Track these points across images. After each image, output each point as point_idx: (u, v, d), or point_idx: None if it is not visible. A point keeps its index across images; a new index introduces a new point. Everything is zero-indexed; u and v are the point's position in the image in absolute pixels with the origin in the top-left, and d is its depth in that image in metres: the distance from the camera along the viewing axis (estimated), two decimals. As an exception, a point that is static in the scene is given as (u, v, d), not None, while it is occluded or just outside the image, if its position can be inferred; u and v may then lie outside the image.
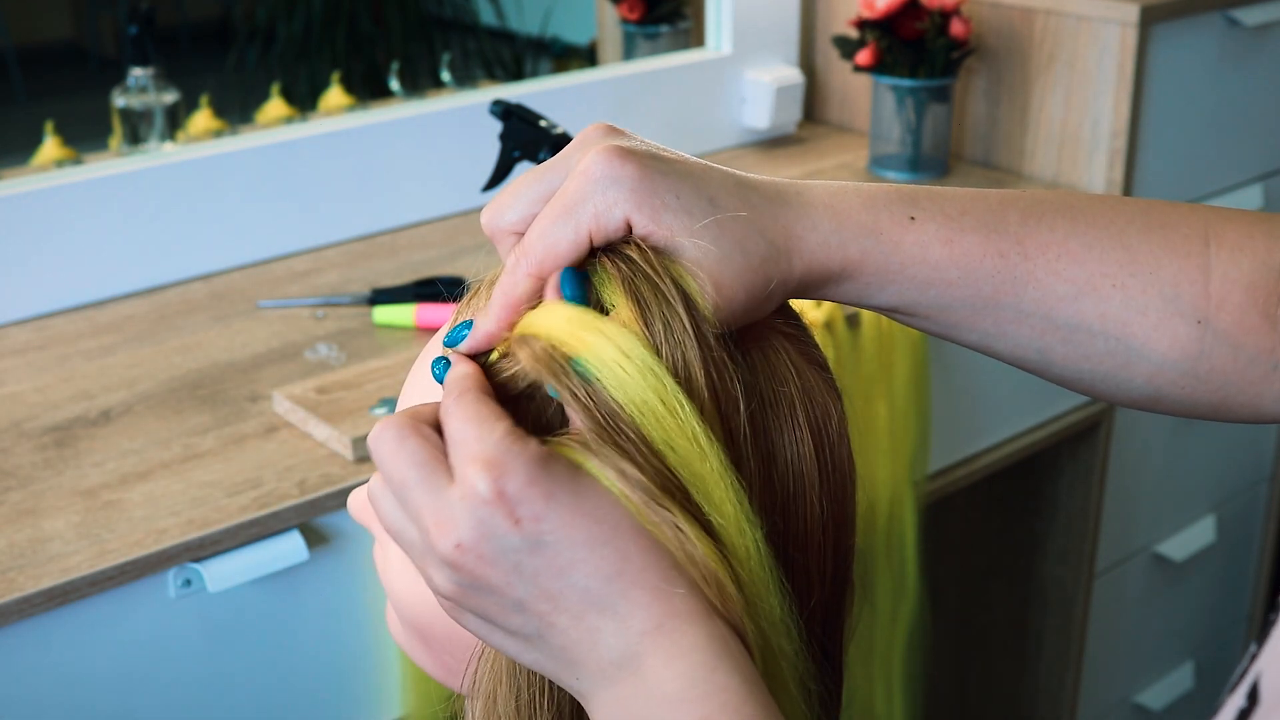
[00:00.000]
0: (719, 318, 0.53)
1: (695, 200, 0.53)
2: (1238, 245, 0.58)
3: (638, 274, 0.52)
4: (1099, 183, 1.78)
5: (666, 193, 0.53)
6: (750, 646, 0.49)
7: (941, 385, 1.60)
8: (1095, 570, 1.98)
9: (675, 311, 0.52)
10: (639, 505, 0.49)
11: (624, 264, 0.53)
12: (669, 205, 0.53)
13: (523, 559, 0.49)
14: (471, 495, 0.48)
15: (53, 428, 1.21)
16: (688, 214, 0.53)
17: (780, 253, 0.54)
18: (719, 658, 0.48)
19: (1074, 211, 0.58)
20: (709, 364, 0.52)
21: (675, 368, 0.51)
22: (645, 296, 0.52)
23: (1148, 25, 1.71)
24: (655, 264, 0.52)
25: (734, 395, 0.52)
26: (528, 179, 0.56)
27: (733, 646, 0.48)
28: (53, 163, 1.65)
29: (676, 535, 0.49)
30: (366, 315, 1.43)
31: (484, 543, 0.48)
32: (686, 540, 0.49)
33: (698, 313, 0.52)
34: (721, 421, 0.52)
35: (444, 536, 0.49)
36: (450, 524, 0.49)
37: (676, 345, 0.51)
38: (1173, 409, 0.60)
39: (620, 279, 0.52)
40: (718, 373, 0.52)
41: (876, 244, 0.55)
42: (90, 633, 1.05)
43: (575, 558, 0.48)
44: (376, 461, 0.51)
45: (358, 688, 1.20)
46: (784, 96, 1.94)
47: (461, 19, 2.61)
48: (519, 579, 0.49)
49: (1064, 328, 0.58)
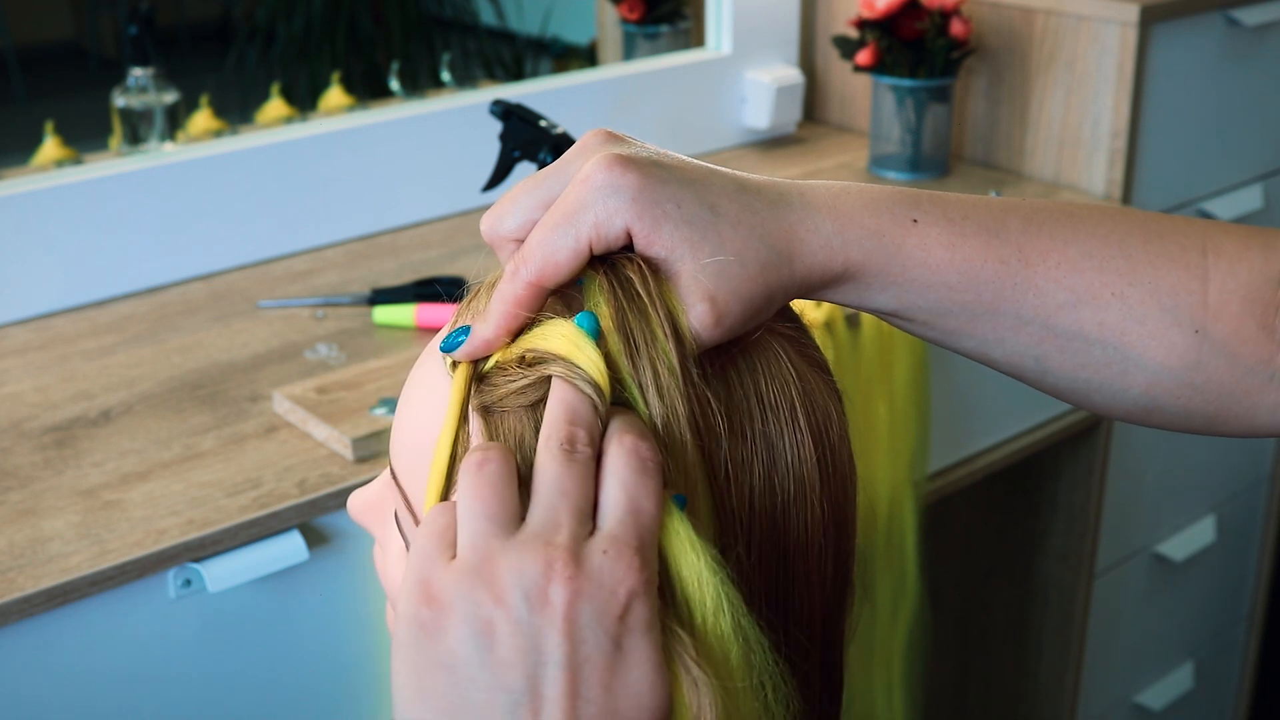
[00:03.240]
0: (715, 334, 0.53)
1: (696, 208, 0.53)
2: (1235, 256, 0.58)
3: (632, 305, 0.52)
4: (1099, 183, 1.78)
5: (667, 201, 0.53)
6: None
7: (941, 385, 1.60)
8: (1095, 570, 1.98)
9: (661, 351, 0.52)
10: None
11: (619, 290, 0.53)
12: (669, 215, 0.53)
13: (590, 651, 0.47)
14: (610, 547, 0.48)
15: (53, 428, 1.21)
16: (688, 224, 0.53)
17: (781, 257, 0.54)
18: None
19: (1074, 220, 0.58)
20: (692, 401, 0.52)
21: (653, 410, 0.51)
22: (634, 335, 0.52)
23: (1148, 25, 1.71)
24: (651, 291, 0.52)
25: (717, 431, 0.53)
26: (527, 186, 0.56)
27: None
28: (53, 163, 1.65)
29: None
30: (366, 315, 1.43)
31: (583, 604, 0.47)
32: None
33: (685, 347, 0.52)
34: (704, 458, 0.52)
35: (559, 572, 0.47)
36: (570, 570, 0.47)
37: (665, 390, 0.52)
38: (1168, 421, 0.60)
39: (613, 311, 0.52)
40: (700, 409, 0.52)
41: (878, 245, 0.55)
42: (90, 633, 1.05)
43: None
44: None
45: (358, 688, 1.20)
46: (784, 96, 1.94)
47: (461, 19, 2.61)
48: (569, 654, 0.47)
49: (1062, 335, 0.58)
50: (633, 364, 0.52)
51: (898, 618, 1.62)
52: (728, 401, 0.54)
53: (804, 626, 0.56)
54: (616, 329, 0.52)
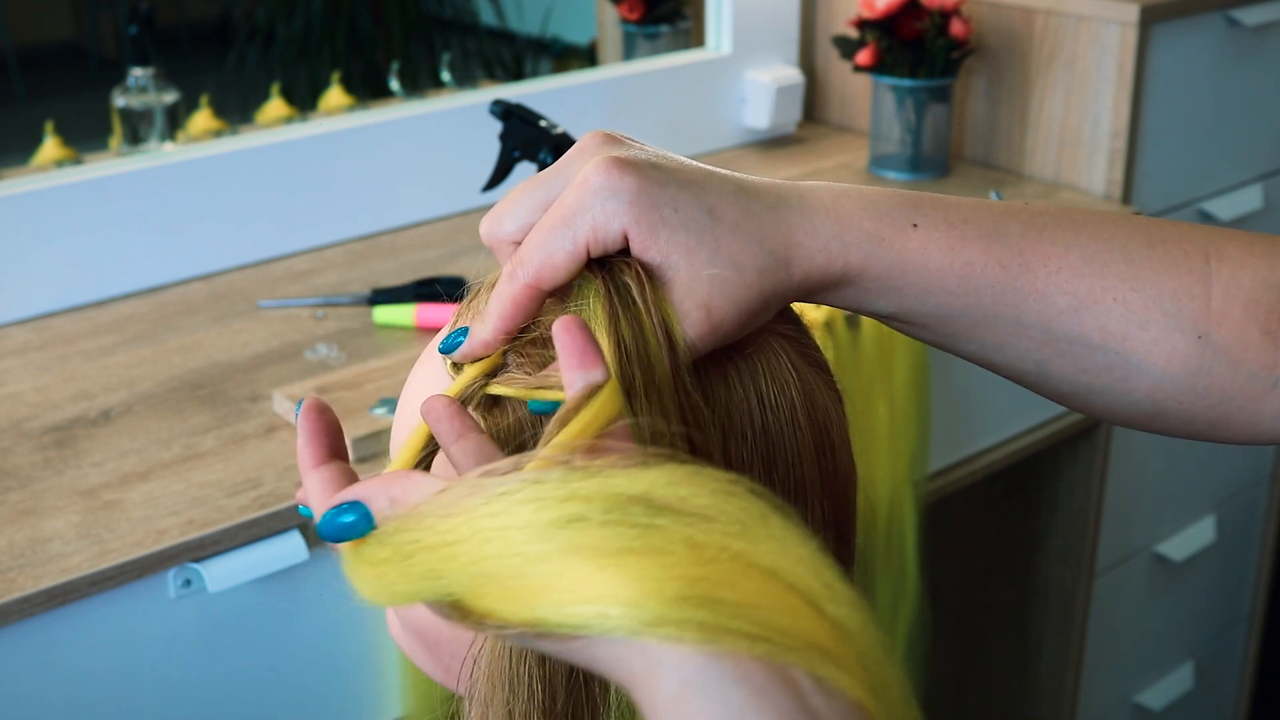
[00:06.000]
0: (709, 342, 0.53)
1: (694, 212, 0.53)
2: (1238, 262, 0.58)
3: (626, 311, 0.52)
4: (1099, 183, 1.78)
5: (664, 205, 0.53)
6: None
7: (941, 385, 1.60)
8: (1095, 570, 1.98)
9: (653, 359, 0.52)
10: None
11: (615, 296, 0.53)
12: (666, 220, 0.53)
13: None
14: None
15: (53, 428, 1.21)
16: (684, 228, 0.53)
17: (779, 262, 0.54)
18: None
19: (1076, 225, 0.58)
20: (684, 410, 0.52)
21: (641, 418, 0.51)
22: (627, 343, 0.52)
23: (1148, 25, 1.71)
24: (646, 298, 0.52)
25: (709, 437, 0.53)
26: (526, 188, 0.56)
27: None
28: (53, 163, 1.65)
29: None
30: (366, 315, 1.43)
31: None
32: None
33: (678, 355, 0.52)
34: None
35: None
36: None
37: (653, 404, 0.51)
38: (1170, 426, 0.60)
39: (607, 317, 0.52)
40: (693, 418, 0.52)
41: (878, 250, 0.55)
42: (90, 633, 1.05)
43: None
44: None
45: (358, 688, 1.20)
46: (784, 96, 1.94)
47: (461, 19, 2.61)
48: None
49: (1063, 340, 0.57)
50: (621, 370, 0.51)
51: (898, 618, 1.62)
52: (728, 402, 0.54)
53: None
54: (610, 338, 0.52)
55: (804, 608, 0.42)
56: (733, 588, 0.41)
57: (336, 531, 0.48)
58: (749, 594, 0.41)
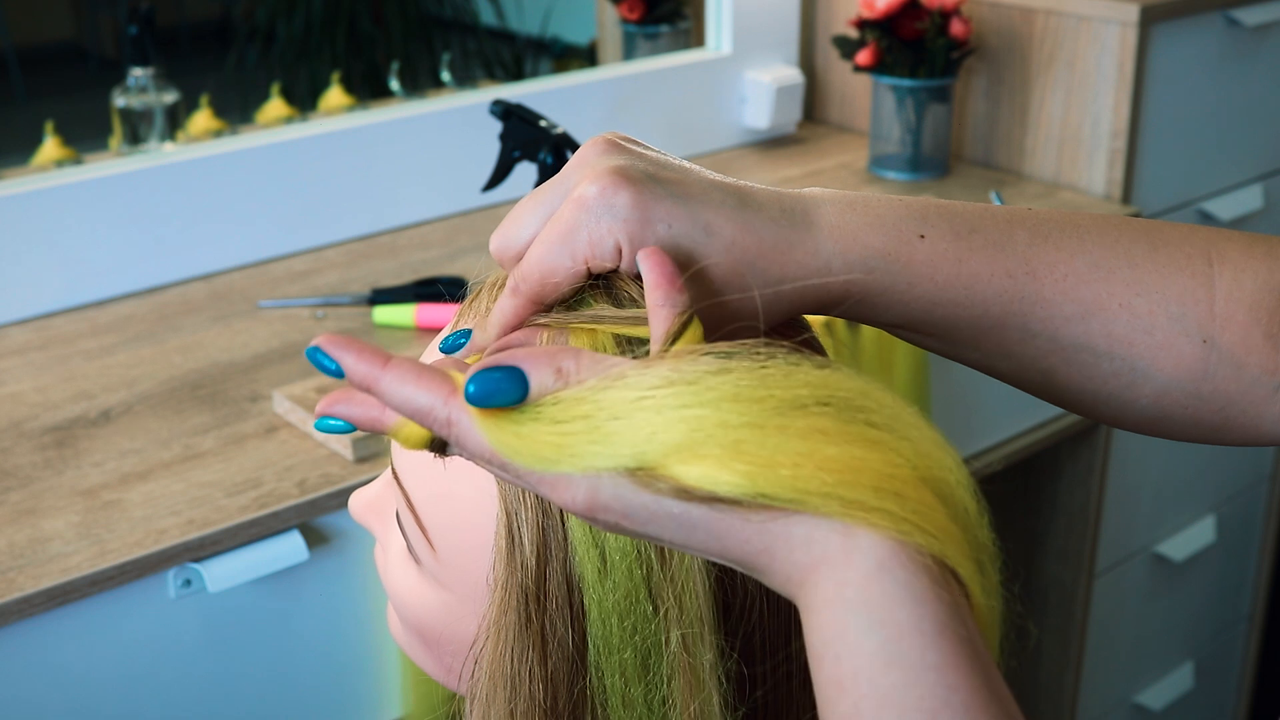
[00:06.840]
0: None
1: (688, 228, 0.52)
2: (1240, 264, 0.58)
3: (628, 323, 0.53)
4: (1099, 183, 1.78)
5: (659, 222, 0.52)
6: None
7: (941, 386, 1.60)
8: (1095, 570, 1.98)
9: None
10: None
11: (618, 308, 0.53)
12: (659, 237, 0.52)
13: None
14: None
15: (53, 428, 1.21)
16: (676, 247, 0.52)
17: (771, 284, 0.53)
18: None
19: (1081, 231, 0.57)
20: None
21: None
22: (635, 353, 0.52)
23: (1148, 25, 1.71)
24: (636, 320, 0.52)
25: None
26: (529, 204, 0.55)
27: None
28: (53, 163, 1.65)
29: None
30: (366, 315, 1.43)
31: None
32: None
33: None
34: None
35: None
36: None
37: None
38: (1174, 431, 0.60)
39: (611, 328, 0.53)
40: None
41: (884, 265, 0.54)
42: (90, 633, 1.05)
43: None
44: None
45: (358, 688, 1.20)
46: (784, 96, 1.94)
47: (461, 19, 2.61)
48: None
49: (1069, 348, 0.57)
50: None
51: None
52: None
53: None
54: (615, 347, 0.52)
55: (938, 504, 0.46)
56: (905, 484, 0.45)
57: (489, 389, 0.47)
58: (912, 490, 0.45)
